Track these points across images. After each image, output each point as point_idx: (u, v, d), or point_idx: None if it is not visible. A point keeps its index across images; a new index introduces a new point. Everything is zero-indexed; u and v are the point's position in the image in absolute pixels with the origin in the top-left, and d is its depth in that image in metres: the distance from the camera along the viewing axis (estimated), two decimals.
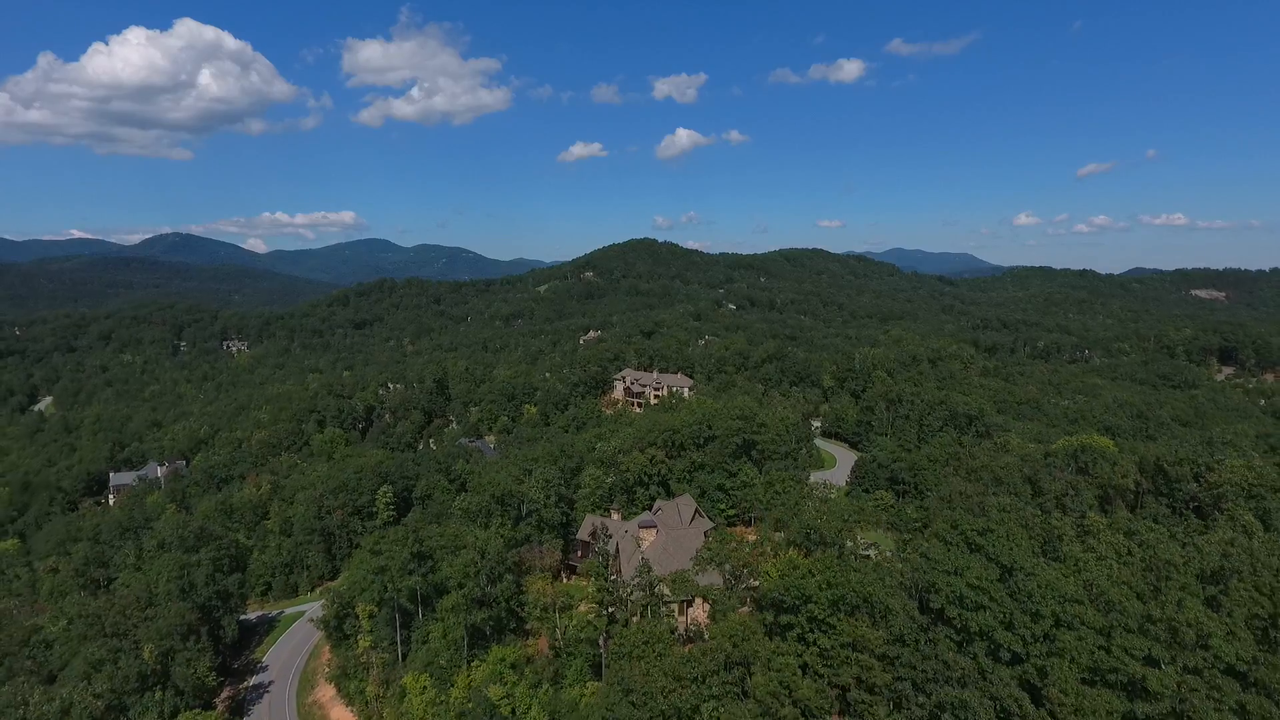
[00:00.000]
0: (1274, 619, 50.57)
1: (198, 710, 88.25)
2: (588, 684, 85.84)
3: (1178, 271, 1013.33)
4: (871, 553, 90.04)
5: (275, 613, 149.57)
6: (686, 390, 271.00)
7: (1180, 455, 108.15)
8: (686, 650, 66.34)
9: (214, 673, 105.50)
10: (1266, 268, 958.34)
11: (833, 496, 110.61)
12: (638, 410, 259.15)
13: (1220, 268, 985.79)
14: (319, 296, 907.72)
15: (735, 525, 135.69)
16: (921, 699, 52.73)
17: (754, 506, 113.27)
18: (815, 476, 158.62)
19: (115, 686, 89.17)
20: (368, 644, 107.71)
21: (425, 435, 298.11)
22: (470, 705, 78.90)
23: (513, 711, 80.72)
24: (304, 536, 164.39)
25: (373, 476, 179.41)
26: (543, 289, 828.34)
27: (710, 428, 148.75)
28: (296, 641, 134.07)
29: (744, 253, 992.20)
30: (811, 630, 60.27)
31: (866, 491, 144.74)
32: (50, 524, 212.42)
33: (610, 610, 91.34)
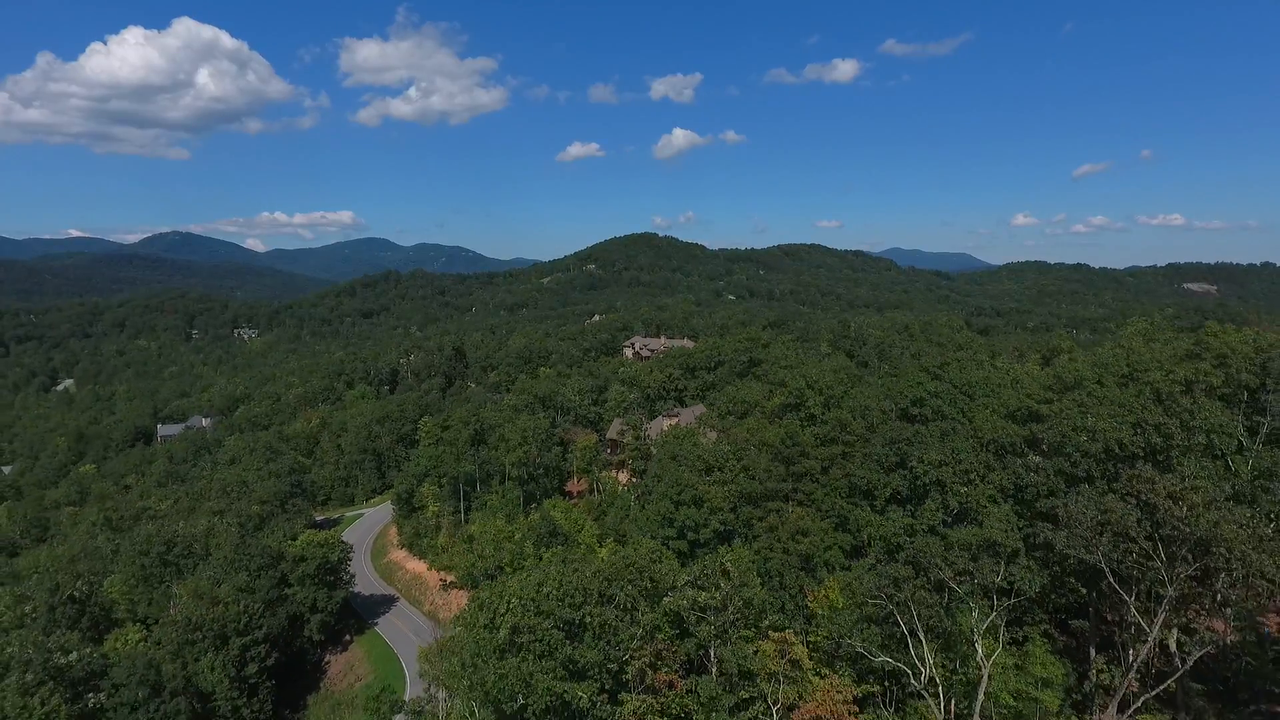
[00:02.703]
0: (1131, 374, 70.64)
1: (315, 529, 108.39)
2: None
3: (1170, 266, 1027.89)
4: None
5: (336, 516, 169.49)
6: None
7: None
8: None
9: (309, 528, 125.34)
10: (1258, 261, 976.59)
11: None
12: None
13: (1212, 262, 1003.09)
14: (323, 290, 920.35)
15: None
16: (887, 449, 72.68)
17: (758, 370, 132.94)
18: None
19: (240, 523, 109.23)
20: (435, 509, 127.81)
21: (447, 396, 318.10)
22: (538, 519, 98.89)
23: (569, 531, 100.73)
24: (357, 456, 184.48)
25: (415, 408, 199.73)
26: (546, 281, 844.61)
27: (719, 354, 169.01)
28: (362, 531, 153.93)
29: (743, 248, 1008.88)
30: (808, 423, 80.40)
31: None
32: (119, 456, 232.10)
33: (644, 464, 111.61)
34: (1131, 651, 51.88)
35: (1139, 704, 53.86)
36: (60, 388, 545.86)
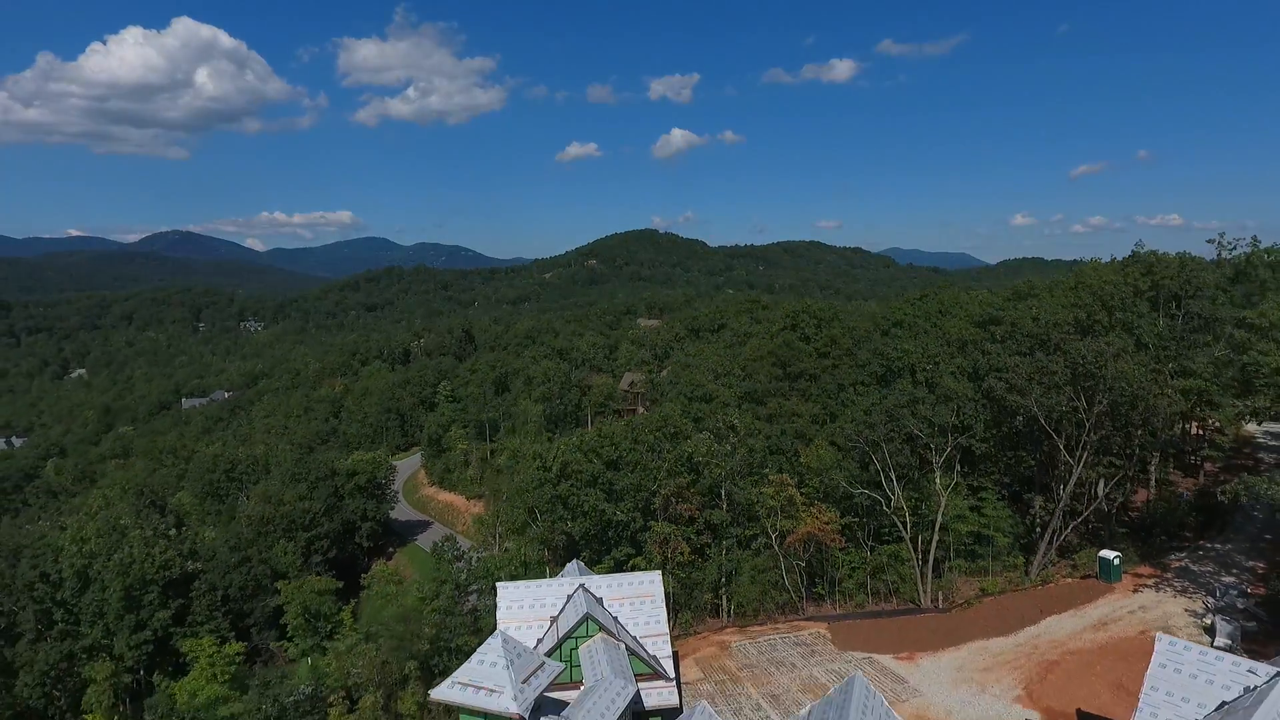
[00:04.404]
0: (1076, 286, 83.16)
1: (364, 451, 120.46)
2: None
3: None
4: None
5: None
6: None
7: None
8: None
9: None
10: None
11: None
12: None
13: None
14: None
15: None
16: (871, 357, 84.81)
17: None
18: None
19: (295, 447, 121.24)
20: (464, 447, 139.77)
21: None
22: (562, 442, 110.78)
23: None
24: (381, 416, 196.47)
25: (434, 374, 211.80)
26: (548, 276, 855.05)
27: (722, 317, 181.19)
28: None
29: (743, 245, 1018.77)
30: (803, 341, 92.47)
31: None
32: (151, 422, 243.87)
33: (657, 395, 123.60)
34: (1062, 487, 64.00)
35: (1069, 530, 66.19)
36: (74, 375, 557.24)
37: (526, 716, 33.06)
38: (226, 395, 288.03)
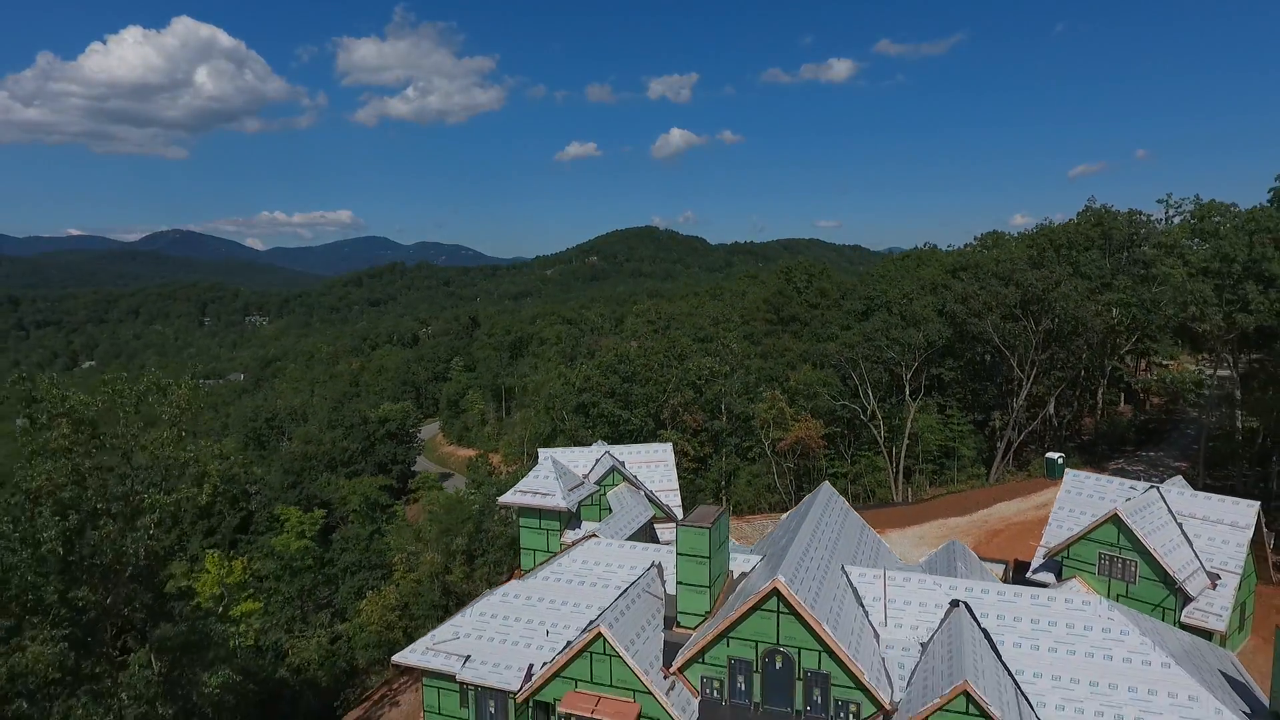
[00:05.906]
0: (1037, 237, 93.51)
1: (389, 404, 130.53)
2: None
3: None
4: None
5: None
6: None
7: None
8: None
9: None
10: None
11: None
12: None
13: None
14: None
15: None
16: (853, 302, 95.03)
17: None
18: None
19: (328, 400, 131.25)
20: (481, 407, 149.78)
21: None
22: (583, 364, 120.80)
23: None
24: (398, 389, 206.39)
25: (447, 350, 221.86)
26: (549, 272, 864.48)
27: (723, 292, 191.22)
28: None
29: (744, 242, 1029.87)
30: (797, 291, 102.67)
31: None
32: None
33: None
34: (1014, 400, 74.09)
35: (1021, 438, 76.28)
36: (83, 367, 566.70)
37: (574, 510, 43.13)
38: (242, 377, 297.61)
